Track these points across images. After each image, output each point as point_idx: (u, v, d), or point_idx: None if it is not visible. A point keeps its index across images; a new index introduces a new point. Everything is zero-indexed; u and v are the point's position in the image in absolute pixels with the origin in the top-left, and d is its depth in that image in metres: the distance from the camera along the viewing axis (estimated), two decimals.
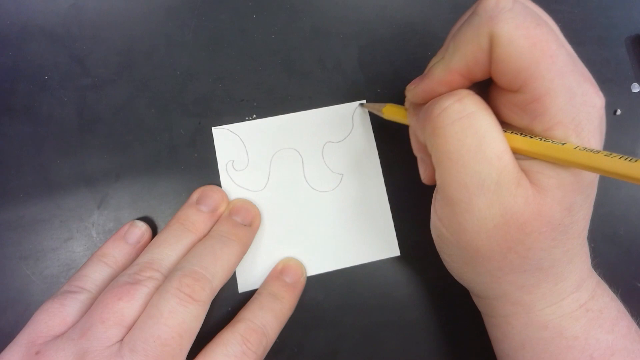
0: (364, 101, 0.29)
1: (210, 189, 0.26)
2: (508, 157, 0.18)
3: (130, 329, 0.21)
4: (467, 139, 0.18)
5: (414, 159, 0.28)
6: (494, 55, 0.17)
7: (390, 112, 0.25)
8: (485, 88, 0.20)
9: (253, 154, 0.28)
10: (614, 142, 0.29)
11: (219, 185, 0.27)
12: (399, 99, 0.29)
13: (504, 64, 0.17)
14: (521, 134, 0.18)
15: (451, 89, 0.19)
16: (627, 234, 0.28)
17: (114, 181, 0.27)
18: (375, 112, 0.27)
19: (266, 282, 0.26)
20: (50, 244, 0.26)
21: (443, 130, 0.18)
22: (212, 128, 0.28)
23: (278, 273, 0.26)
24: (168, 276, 0.22)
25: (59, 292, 0.23)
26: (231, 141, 0.28)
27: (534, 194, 0.18)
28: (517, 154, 0.18)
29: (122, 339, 0.20)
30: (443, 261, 0.23)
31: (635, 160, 0.15)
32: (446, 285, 0.27)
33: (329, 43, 0.30)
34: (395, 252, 0.27)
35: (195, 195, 0.26)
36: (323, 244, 0.27)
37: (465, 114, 0.18)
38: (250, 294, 0.25)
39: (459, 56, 0.18)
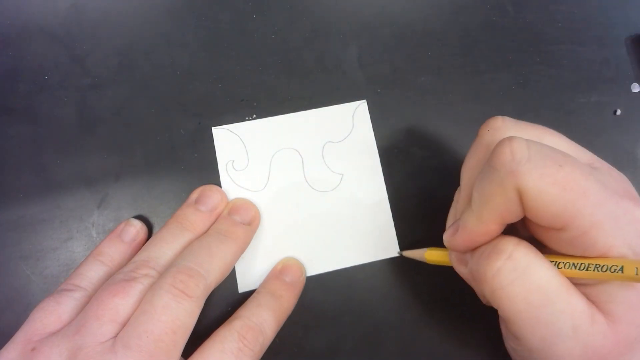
0: (396, 252, 0.27)
1: (209, 188, 0.26)
2: (576, 298, 0.17)
3: (125, 325, 0.21)
4: (532, 297, 0.17)
5: (414, 158, 0.28)
6: (527, 207, 0.17)
7: (434, 257, 0.24)
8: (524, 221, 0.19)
9: (253, 154, 0.28)
10: (614, 142, 0.29)
11: (219, 185, 0.27)
12: (398, 100, 0.29)
13: (539, 213, 0.17)
14: (578, 265, 0.18)
15: (490, 237, 0.19)
16: None
17: (114, 181, 0.27)
18: (417, 259, 0.26)
19: (265, 282, 0.26)
20: (50, 244, 0.26)
21: (504, 291, 0.18)
22: (212, 128, 0.28)
23: (277, 272, 0.26)
24: (163, 273, 0.22)
25: (56, 291, 0.23)
26: (231, 141, 0.28)
27: (609, 324, 0.17)
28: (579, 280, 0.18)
29: (116, 335, 0.20)
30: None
31: None
32: (446, 285, 0.27)
33: (329, 43, 0.30)
34: (395, 252, 0.27)
35: (194, 195, 0.26)
36: (323, 244, 0.27)
37: (520, 272, 0.17)
38: (250, 294, 0.25)
39: (489, 209, 0.18)
